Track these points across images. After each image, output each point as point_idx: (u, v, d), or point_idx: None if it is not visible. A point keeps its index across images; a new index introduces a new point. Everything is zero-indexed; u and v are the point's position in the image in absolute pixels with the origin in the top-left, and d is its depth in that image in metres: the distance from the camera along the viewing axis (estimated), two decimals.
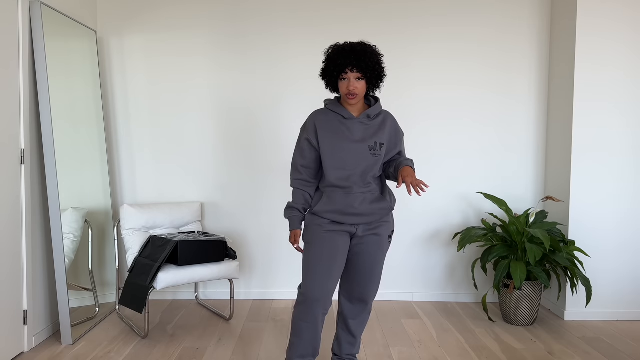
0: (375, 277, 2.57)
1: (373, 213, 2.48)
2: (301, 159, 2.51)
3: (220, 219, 4.12)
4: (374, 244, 2.52)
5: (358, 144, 2.43)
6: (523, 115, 4.08)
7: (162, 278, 3.23)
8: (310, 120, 2.51)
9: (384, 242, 2.55)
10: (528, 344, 3.27)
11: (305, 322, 2.48)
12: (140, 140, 4.09)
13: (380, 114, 2.52)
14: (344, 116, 2.45)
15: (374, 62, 2.38)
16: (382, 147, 2.47)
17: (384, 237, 2.54)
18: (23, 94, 3.02)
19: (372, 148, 2.44)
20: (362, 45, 2.38)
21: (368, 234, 2.51)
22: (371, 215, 2.48)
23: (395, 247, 4.13)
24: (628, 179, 3.72)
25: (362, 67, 2.35)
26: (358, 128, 2.45)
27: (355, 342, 2.69)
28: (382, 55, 2.44)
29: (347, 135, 2.43)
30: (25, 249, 3.03)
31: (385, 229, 2.54)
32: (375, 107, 2.49)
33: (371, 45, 2.41)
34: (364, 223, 2.49)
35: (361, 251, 2.52)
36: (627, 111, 3.69)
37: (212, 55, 4.05)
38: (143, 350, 3.11)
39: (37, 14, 3.09)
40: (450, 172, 4.11)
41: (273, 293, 4.15)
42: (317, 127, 2.47)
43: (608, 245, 3.74)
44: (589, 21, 3.64)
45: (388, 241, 2.57)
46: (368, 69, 2.36)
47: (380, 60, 2.42)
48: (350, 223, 2.46)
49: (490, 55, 4.05)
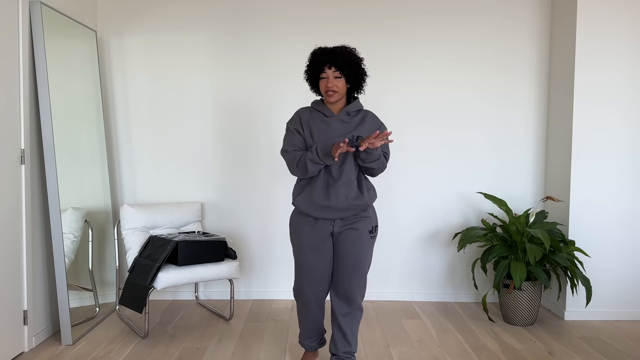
0: (358, 272, 2.60)
1: (349, 207, 2.56)
2: (289, 145, 2.62)
3: (220, 219, 4.13)
4: (353, 238, 2.59)
5: (336, 138, 2.57)
6: (523, 115, 4.08)
7: (162, 278, 3.23)
8: (296, 115, 2.68)
9: (364, 237, 2.60)
10: (528, 344, 3.27)
11: (304, 314, 2.75)
12: (140, 140, 4.09)
13: (360, 111, 2.65)
14: (325, 114, 2.61)
15: (352, 61, 2.53)
16: (359, 139, 2.57)
17: (363, 231, 2.60)
18: (23, 94, 3.02)
19: (351, 141, 2.56)
20: (341, 47, 2.56)
21: (346, 229, 2.60)
22: (347, 210, 2.57)
23: (395, 247, 4.14)
24: (628, 179, 3.72)
25: (339, 64, 2.50)
26: (338, 125, 2.59)
27: (349, 339, 2.69)
28: (363, 59, 2.59)
29: (326, 130, 2.58)
30: (25, 249, 3.03)
31: (364, 224, 2.61)
32: (353, 104, 2.63)
33: (350, 47, 2.57)
34: (340, 218, 2.59)
35: (342, 247, 2.60)
36: (627, 112, 3.69)
37: (212, 55, 4.05)
38: (143, 350, 3.11)
39: (37, 14, 3.09)
40: (450, 172, 4.11)
41: (273, 293, 4.15)
42: (301, 120, 2.64)
43: (608, 245, 3.74)
44: (589, 22, 3.64)
45: (370, 236, 2.62)
46: (345, 66, 2.51)
47: (360, 61, 2.56)
48: (326, 217, 2.58)
49: (490, 55, 4.05)
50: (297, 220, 2.67)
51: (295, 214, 2.70)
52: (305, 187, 2.62)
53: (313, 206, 2.57)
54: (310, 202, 2.57)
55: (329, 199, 2.54)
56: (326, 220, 2.59)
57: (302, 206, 2.61)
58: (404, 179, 4.11)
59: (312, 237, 2.61)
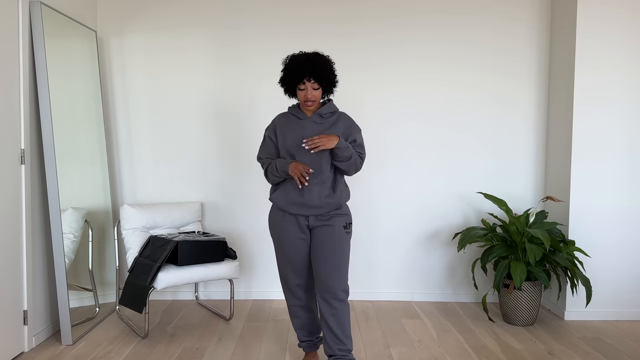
0: (337, 266, 2.66)
1: (322, 206, 2.66)
2: (263, 152, 2.81)
3: (220, 219, 4.12)
4: (328, 233, 2.67)
5: None
6: (523, 115, 4.08)
7: (162, 278, 3.23)
8: (273, 122, 2.81)
9: (339, 232, 2.68)
10: (528, 344, 3.27)
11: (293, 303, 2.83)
12: (140, 140, 4.09)
13: (334, 113, 2.75)
14: (299, 117, 2.74)
15: (329, 71, 2.64)
16: None
17: (337, 227, 2.68)
18: (23, 94, 3.02)
19: None
20: (316, 55, 2.64)
21: (321, 224, 2.69)
22: (320, 207, 2.66)
23: (395, 247, 4.14)
24: (627, 179, 3.72)
25: (318, 76, 2.60)
26: (310, 126, 2.70)
27: (341, 337, 2.66)
28: (334, 63, 2.69)
29: (299, 132, 2.69)
30: (25, 249, 3.03)
31: (338, 220, 2.70)
32: (327, 107, 2.73)
33: (325, 55, 2.66)
34: (314, 215, 2.68)
35: (318, 243, 2.69)
36: (627, 112, 3.69)
37: (212, 54, 4.05)
38: (143, 350, 3.11)
39: (37, 14, 3.09)
40: (450, 172, 4.11)
41: (273, 293, 4.15)
42: (277, 127, 2.77)
43: (608, 245, 3.74)
44: (588, 23, 3.64)
45: (345, 232, 2.71)
46: (324, 79, 2.63)
47: (333, 68, 2.68)
48: (300, 214, 2.68)
49: (490, 56, 4.05)
50: (274, 215, 2.78)
51: (273, 210, 2.80)
52: (280, 184, 2.74)
53: (288, 203, 2.68)
54: (286, 199, 2.69)
55: (302, 196, 2.65)
56: (301, 215, 2.69)
57: (278, 202, 2.72)
58: (404, 179, 4.11)
59: (290, 230, 2.71)
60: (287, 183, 2.70)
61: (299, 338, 2.93)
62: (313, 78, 2.60)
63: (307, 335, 2.91)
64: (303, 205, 2.66)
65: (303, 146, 2.59)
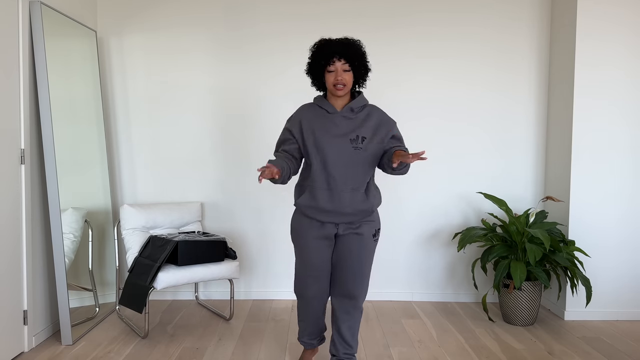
0: (362, 275, 2.58)
1: (354, 214, 2.49)
2: (279, 144, 2.58)
3: (220, 219, 4.12)
4: (356, 242, 2.54)
5: (340, 137, 2.46)
6: (523, 115, 4.08)
7: (162, 278, 3.23)
8: (297, 114, 2.56)
9: (368, 241, 2.57)
10: (528, 344, 3.27)
11: (305, 311, 2.71)
12: (140, 140, 4.08)
13: (365, 107, 2.53)
14: (328, 110, 2.49)
15: (360, 54, 2.43)
16: (363, 140, 2.46)
17: (366, 236, 2.56)
18: (23, 93, 3.02)
19: (354, 141, 2.45)
20: (346, 38, 2.43)
21: (349, 232, 2.54)
22: (352, 215, 2.50)
23: (395, 247, 4.14)
24: (628, 179, 3.72)
25: (349, 56, 2.39)
26: (341, 122, 2.47)
27: (349, 341, 2.67)
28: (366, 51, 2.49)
29: (329, 129, 2.46)
30: (25, 249, 3.03)
31: (368, 228, 2.56)
32: (358, 100, 2.50)
33: (356, 40, 2.45)
34: (346, 222, 2.53)
35: (345, 250, 2.56)
36: (627, 111, 3.69)
37: (212, 54, 4.05)
38: (143, 350, 3.11)
39: (37, 14, 3.09)
40: (450, 172, 4.11)
41: (273, 293, 4.15)
42: (302, 124, 2.52)
43: (608, 244, 3.74)
44: (588, 21, 3.64)
45: (373, 239, 2.59)
46: (356, 58, 2.41)
47: (365, 54, 2.46)
48: (331, 221, 2.51)
49: (490, 55, 4.05)
50: (299, 221, 2.59)
51: (297, 215, 2.60)
52: (306, 189, 2.52)
53: (316, 210, 2.49)
54: (314, 205, 2.49)
55: (332, 203, 2.46)
56: (331, 223, 2.54)
57: (305, 209, 2.52)
58: (404, 178, 4.11)
59: (316, 238, 2.55)
60: (314, 188, 2.49)
61: (302, 339, 2.83)
62: (343, 57, 2.38)
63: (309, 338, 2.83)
64: (333, 212, 2.47)
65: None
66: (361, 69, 2.46)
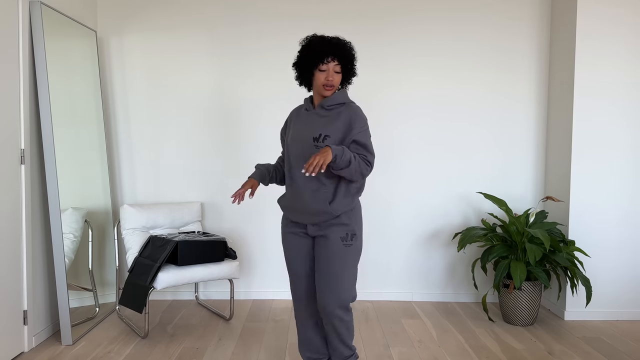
0: (330, 282, 2.37)
1: (316, 214, 2.37)
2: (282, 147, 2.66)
3: (220, 219, 4.12)
4: (323, 246, 2.40)
5: (304, 136, 2.40)
6: (523, 115, 4.08)
7: (162, 278, 3.23)
8: (289, 115, 2.60)
9: (336, 246, 2.37)
10: (528, 344, 3.27)
11: (296, 314, 2.62)
12: (140, 140, 4.08)
13: (342, 104, 2.41)
14: (306, 108, 2.49)
15: (352, 57, 2.40)
16: (325, 139, 2.34)
17: (333, 239, 2.38)
18: (23, 94, 3.02)
19: (316, 139, 2.35)
20: (340, 39, 2.38)
21: (318, 234, 2.43)
22: (314, 216, 2.38)
23: (395, 247, 4.14)
24: (628, 179, 3.72)
25: (343, 58, 2.35)
26: (314, 120, 2.42)
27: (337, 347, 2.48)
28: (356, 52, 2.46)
29: (299, 128, 2.45)
30: (25, 249, 3.03)
31: (335, 230, 2.38)
32: (333, 97, 2.40)
33: (347, 41, 2.42)
34: (311, 223, 2.43)
35: (317, 255, 2.44)
36: (627, 111, 3.69)
37: (212, 54, 4.05)
38: (143, 350, 3.11)
39: (37, 14, 3.09)
40: (450, 172, 4.11)
41: (273, 293, 4.15)
42: (288, 124, 2.57)
43: (608, 244, 3.74)
44: (588, 21, 3.64)
45: (344, 244, 2.38)
46: (348, 61, 2.37)
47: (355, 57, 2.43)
48: (298, 221, 2.48)
49: (490, 55, 4.04)
50: (282, 220, 2.60)
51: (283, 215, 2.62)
52: (287, 188, 2.52)
53: (287, 208, 2.51)
54: (284, 204, 2.52)
55: (296, 202, 2.42)
56: (300, 222, 2.48)
57: (281, 207, 2.55)
58: (403, 178, 4.11)
59: (290, 233, 2.52)
60: (286, 186, 2.50)
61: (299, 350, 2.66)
62: (337, 58, 2.33)
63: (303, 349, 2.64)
64: (296, 211, 2.44)
65: (303, 172, 2.20)
66: (351, 72, 2.42)
